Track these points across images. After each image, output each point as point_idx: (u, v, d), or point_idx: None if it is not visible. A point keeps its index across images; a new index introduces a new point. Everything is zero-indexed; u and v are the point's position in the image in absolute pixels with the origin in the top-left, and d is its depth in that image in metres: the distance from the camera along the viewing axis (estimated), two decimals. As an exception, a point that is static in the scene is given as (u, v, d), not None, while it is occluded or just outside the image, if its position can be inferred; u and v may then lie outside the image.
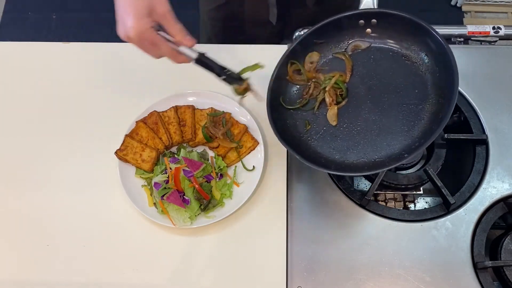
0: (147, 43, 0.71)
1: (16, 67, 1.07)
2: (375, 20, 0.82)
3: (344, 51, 0.86)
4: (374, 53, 0.85)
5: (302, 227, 0.85)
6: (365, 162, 0.78)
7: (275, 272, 0.83)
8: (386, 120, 0.79)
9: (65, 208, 0.90)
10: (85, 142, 0.97)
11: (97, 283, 0.84)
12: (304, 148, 0.81)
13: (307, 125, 0.83)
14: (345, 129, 0.81)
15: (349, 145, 0.80)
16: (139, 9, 0.68)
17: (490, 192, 0.86)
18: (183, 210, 0.85)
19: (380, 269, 0.81)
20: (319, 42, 0.86)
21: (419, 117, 0.78)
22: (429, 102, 0.78)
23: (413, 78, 0.80)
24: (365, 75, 0.84)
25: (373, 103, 0.81)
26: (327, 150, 0.80)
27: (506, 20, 2.25)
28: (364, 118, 0.81)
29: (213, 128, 0.92)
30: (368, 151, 0.78)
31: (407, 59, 0.82)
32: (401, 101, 0.80)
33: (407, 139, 0.77)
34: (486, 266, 0.80)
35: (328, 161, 0.79)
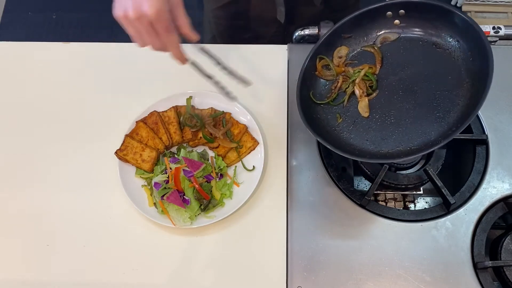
0: (162, 25, 0.68)
1: (16, 67, 1.07)
2: (403, 11, 0.82)
3: (373, 44, 0.85)
4: (403, 44, 0.84)
5: (302, 227, 0.85)
6: (400, 151, 0.77)
7: (275, 272, 0.83)
8: (420, 109, 0.79)
9: (65, 208, 0.90)
10: (85, 142, 0.97)
11: (97, 283, 0.84)
12: (337, 140, 0.81)
13: (338, 119, 0.83)
14: (378, 120, 0.81)
15: (383, 135, 0.79)
16: None
17: (490, 192, 0.86)
18: (183, 210, 0.85)
19: (380, 269, 0.81)
20: (346, 36, 0.86)
21: (454, 103, 0.77)
22: (464, 87, 0.77)
23: (445, 65, 0.80)
24: (396, 66, 0.84)
25: (405, 92, 0.81)
26: (360, 141, 0.80)
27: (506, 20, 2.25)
28: (397, 108, 0.80)
29: (213, 128, 0.92)
30: (404, 140, 0.78)
31: (438, 47, 0.81)
32: (434, 88, 0.79)
33: (442, 125, 0.77)
34: (486, 266, 0.80)
35: (363, 152, 0.79)
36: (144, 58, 1.06)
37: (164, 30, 0.69)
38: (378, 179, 0.86)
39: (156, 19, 0.67)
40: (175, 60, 0.76)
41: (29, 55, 1.08)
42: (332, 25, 1.04)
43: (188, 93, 0.97)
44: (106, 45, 1.08)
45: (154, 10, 0.65)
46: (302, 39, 1.07)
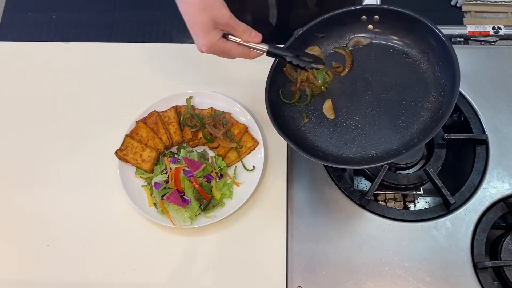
0: (218, 54, 0.76)
1: (16, 67, 1.07)
2: (377, 17, 0.82)
3: (345, 46, 0.85)
4: (375, 49, 0.84)
5: (302, 227, 0.85)
6: (362, 157, 0.78)
7: (275, 272, 0.83)
8: (384, 116, 0.79)
9: (65, 208, 0.90)
10: (85, 142, 0.97)
11: (97, 283, 0.84)
12: (301, 140, 0.81)
13: (304, 118, 0.83)
14: (343, 123, 0.81)
15: (346, 139, 0.80)
16: (203, 25, 0.72)
17: (490, 192, 0.86)
18: (183, 210, 0.85)
19: (380, 269, 0.82)
20: (320, 36, 0.86)
21: (418, 114, 0.78)
22: (429, 100, 0.78)
23: (413, 76, 0.81)
24: (365, 71, 0.84)
25: (372, 98, 0.81)
26: (324, 143, 0.80)
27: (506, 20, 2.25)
28: (363, 113, 0.81)
29: (213, 128, 0.92)
30: (366, 146, 0.78)
31: (408, 57, 0.82)
32: (400, 97, 0.80)
33: (405, 135, 0.77)
34: (486, 266, 0.80)
35: (325, 154, 0.79)
36: (144, 58, 1.06)
37: (222, 55, 0.76)
38: (378, 179, 0.86)
39: (212, 53, 0.75)
40: None
41: (29, 55, 1.08)
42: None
43: (188, 93, 0.97)
44: (106, 45, 1.08)
45: (206, 48, 0.74)
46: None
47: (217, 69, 1.04)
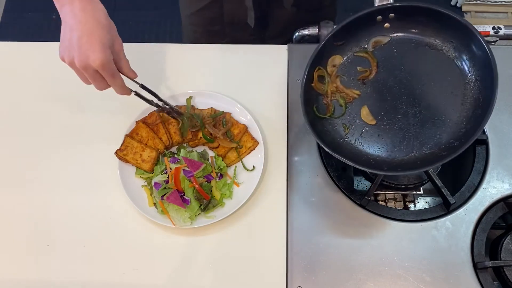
0: (107, 73, 0.74)
1: (16, 67, 1.07)
2: (392, 14, 0.82)
3: (365, 48, 0.85)
4: (396, 46, 0.84)
5: (302, 227, 0.85)
6: (415, 157, 0.77)
7: (275, 272, 0.83)
8: (425, 111, 0.79)
9: (65, 208, 0.90)
10: (85, 142, 0.97)
11: (97, 283, 0.84)
12: (350, 152, 0.80)
13: (346, 129, 0.82)
14: (386, 126, 0.80)
15: (394, 142, 0.79)
16: (104, 42, 0.72)
17: (490, 192, 0.86)
18: (183, 210, 0.85)
19: (380, 269, 0.82)
20: (339, 44, 0.85)
21: (459, 102, 0.77)
22: (466, 86, 0.77)
23: (442, 65, 0.80)
24: (393, 69, 0.83)
25: (407, 96, 0.81)
26: (373, 150, 0.80)
27: (506, 20, 2.25)
28: (403, 113, 0.80)
29: (213, 128, 0.92)
30: (416, 145, 0.77)
31: (432, 47, 0.81)
32: (436, 90, 0.79)
33: (451, 126, 0.76)
34: (486, 266, 0.80)
35: (378, 162, 0.78)
36: (144, 58, 1.06)
37: (109, 76, 0.75)
38: (378, 179, 0.86)
39: (101, 69, 0.72)
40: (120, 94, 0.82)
41: (29, 55, 1.08)
42: (331, 25, 1.04)
43: (188, 93, 0.97)
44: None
45: (99, 62, 0.71)
46: (302, 39, 1.07)
47: (217, 69, 1.04)
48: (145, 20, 2.36)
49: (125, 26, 2.31)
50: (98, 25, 0.72)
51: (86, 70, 0.73)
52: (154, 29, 2.35)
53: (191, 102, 0.96)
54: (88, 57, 0.71)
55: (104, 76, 0.75)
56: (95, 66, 0.72)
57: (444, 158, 0.72)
